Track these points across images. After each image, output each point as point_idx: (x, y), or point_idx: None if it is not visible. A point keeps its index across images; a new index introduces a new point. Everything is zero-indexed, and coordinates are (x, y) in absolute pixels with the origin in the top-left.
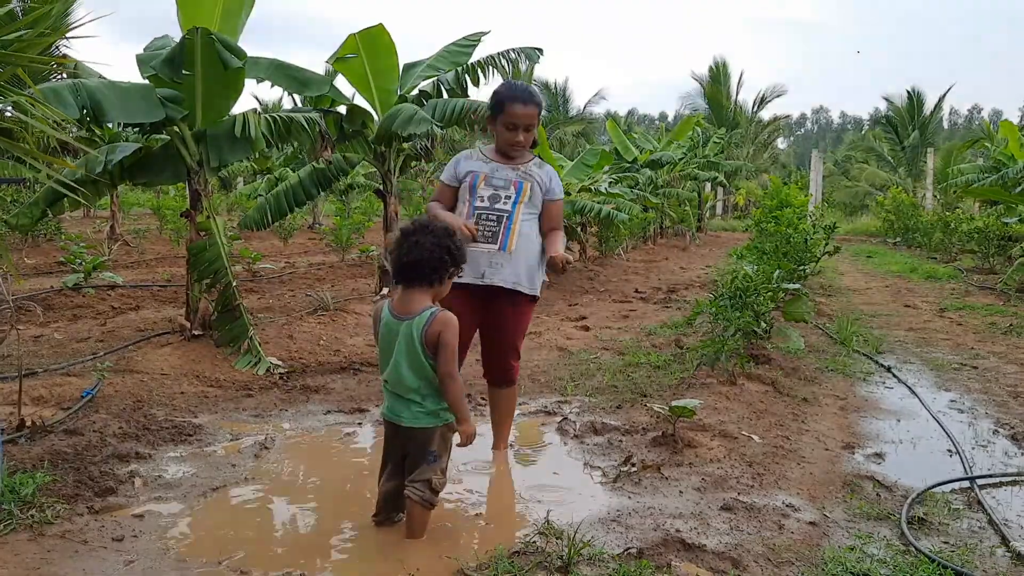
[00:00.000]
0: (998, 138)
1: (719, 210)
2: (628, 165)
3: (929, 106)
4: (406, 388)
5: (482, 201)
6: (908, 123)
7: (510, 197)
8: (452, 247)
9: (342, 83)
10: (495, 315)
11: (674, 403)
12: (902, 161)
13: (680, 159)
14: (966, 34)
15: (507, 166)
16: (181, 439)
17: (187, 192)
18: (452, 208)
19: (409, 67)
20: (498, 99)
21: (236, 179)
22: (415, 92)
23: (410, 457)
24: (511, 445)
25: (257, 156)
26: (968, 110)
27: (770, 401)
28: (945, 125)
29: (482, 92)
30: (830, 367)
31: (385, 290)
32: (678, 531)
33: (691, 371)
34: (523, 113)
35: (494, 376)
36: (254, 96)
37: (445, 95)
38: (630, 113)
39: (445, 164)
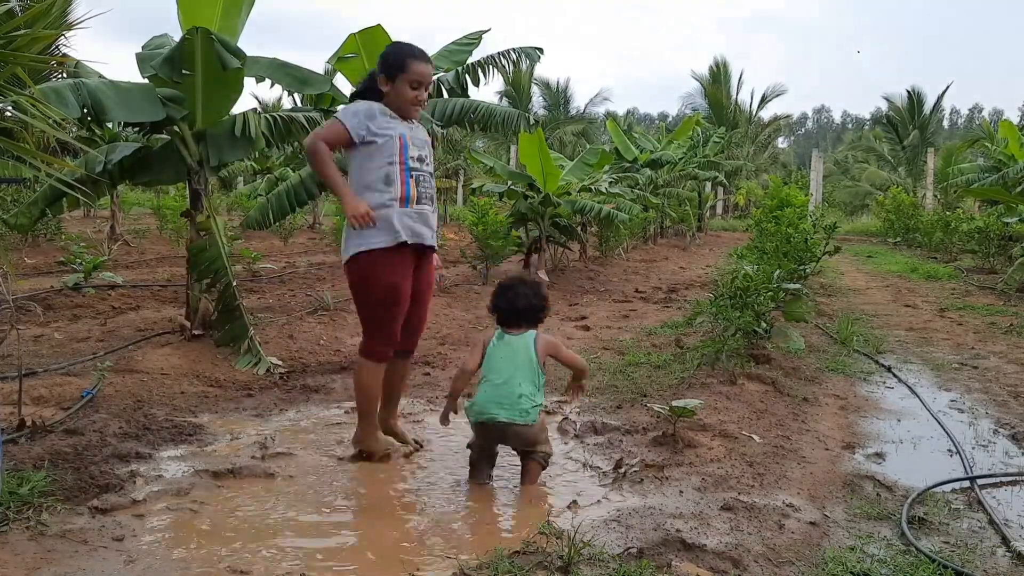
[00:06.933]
0: (998, 138)
1: (719, 210)
2: (628, 165)
3: (929, 105)
4: None
5: (415, 163)
6: (908, 123)
7: (427, 158)
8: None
9: (342, 83)
10: (425, 275)
11: (674, 403)
12: (902, 161)
13: (680, 159)
14: (969, 33)
15: (413, 125)
16: (181, 439)
17: (187, 192)
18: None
19: None
20: (400, 57)
21: (236, 179)
22: None
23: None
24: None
25: (257, 156)
26: (969, 109)
27: (770, 401)
28: (946, 124)
29: (482, 92)
30: (830, 367)
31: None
32: (678, 531)
33: (691, 371)
34: (427, 72)
35: (413, 343)
36: (254, 96)
37: (445, 94)
38: (630, 113)
39: (445, 163)
